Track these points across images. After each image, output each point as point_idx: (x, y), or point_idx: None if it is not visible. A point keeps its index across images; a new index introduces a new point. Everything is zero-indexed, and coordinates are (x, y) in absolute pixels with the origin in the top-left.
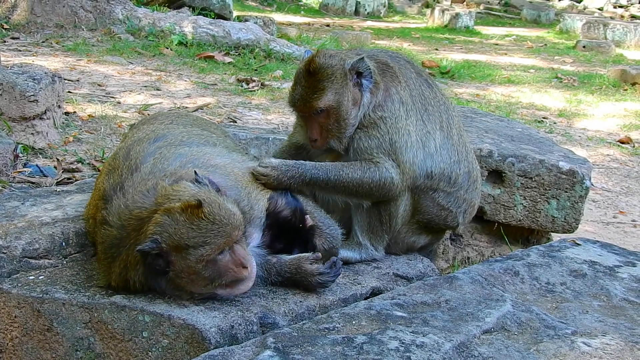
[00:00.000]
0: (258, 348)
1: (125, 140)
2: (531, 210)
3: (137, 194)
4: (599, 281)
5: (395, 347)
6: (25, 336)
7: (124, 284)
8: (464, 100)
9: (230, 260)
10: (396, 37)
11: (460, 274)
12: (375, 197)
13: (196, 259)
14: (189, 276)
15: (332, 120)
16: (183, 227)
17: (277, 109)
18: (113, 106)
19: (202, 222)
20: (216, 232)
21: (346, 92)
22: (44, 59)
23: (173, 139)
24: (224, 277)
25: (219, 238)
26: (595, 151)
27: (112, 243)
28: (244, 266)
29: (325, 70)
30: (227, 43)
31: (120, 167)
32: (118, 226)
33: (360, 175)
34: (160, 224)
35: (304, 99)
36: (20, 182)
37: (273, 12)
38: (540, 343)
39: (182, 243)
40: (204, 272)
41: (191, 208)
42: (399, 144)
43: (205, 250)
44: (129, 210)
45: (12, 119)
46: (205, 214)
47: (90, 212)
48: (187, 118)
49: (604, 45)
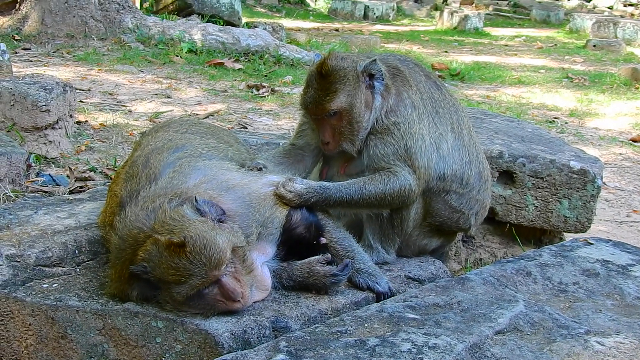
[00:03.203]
0: (271, 352)
1: (141, 148)
2: (543, 210)
3: (142, 211)
4: (612, 280)
5: (408, 349)
6: (39, 344)
7: (120, 294)
8: (475, 101)
9: (217, 294)
10: (405, 40)
11: (472, 275)
12: (395, 206)
13: (177, 294)
14: (176, 305)
15: (344, 123)
16: (164, 263)
17: (287, 115)
18: (124, 115)
19: (181, 262)
20: (192, 272)
21: (359, 94)
22: (55, 69)
23: (192, 151)
24: (214, 308)
25: (196, 279)
26: (608, 150)
27: (116, 246)
28: (234, 300)
29: (337, 73)
30: (237, 50)
31: (139, 174)
32: (120, 236)
33: (382, 189)
34: (149, 253)
35: (316, 101)
36: (33, 191)
37: (282, 18)
38: (554, 343)
39: (163, 278)
40: (189, 304)
41: (173, 246)
42: (414, 150)
43: (184, 288)
44: (130, 227)
45: (25, 129)
46: (186, 253)
47: (106, 219)
48: (201, 126)
49: (615, 44)
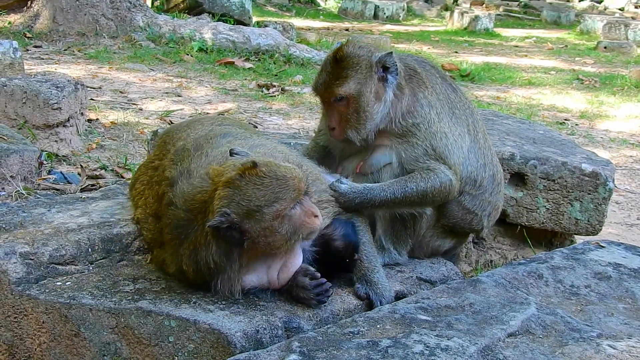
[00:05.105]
0: (283, 352)
1: (183, 139)
2: (554, 212)
3: (196, 178)
4: (624, 283)
5: (420, 350)
6: (53, 341)
7: (194, 267)
8: (485, 102)
9: (302, 213)
10: (415, 40)
11: (484, 277)
12: (437, 203)
13: (272, 217)
14: (267, 238)
15: (351, 110)
16: (249, 190)
17: (297, 114)
18: (135, 113)
19: (265, 180)
20: (284, 186)
21: (369, 83)
22: (67, 67)
23: (241, 135)
24: (300, 230)
25: (289, 192)
26: (618, 152)
27: (178, 224)
28: (315, 215)
29: (351, 59)
30: (247, 49)
31: (190, 156)
32: (184, 209)
33: (424, 186)
34: (225, 197)
35: (326, 84)
36: (45, 189)
37: (292, 17)
38: (565, 346)
39: (252, 206)
40: (280, 229)
41: (248, 170)
42: (441, 149)
43: (280, 205)
44: (192, 195)
45: (36, 127)
46: (264, 172)
47: (148, 210)
48: (232, 120)
49: (625, 45)
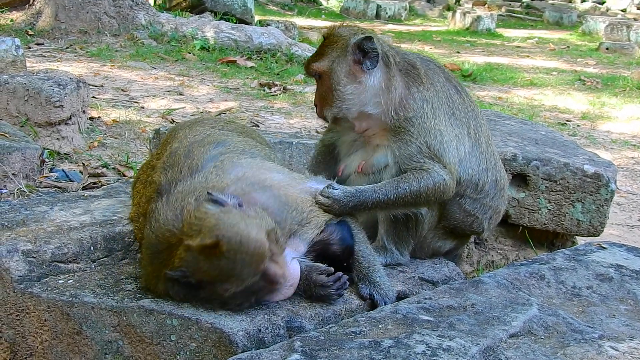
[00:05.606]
0: (285, 352)
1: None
2: (556, 213)
3: (171, 211)
4: (626, 285)
5: (422, 350)
6: (54, 339)
7: (163, 288)
8: (487, 103)
9: (260, 281)
10: (417, 40)
11: (485, 278)
12: (432, 202)
13: (224, 290)
14: (221, 299)
15: (325, 87)
16: (204, 267)
17: (299, 113)
18: (137, 111)
19: (221, 262)
20: (239, 269)
21: (342, 64)
22: (68, 65)
23: (234, 147)
24: (259, 294)
25: (246, 270)
26: (620, 154)
27: (150, 243)
28: (278, 283)
29: (332, 38)
30: (249, 47)
31: (180, 164)
32: (156, 235)
33: (417, 186)
34: (185, 260)
35: (308, 59)
36: (47, 187)
37: (294, 17)
38: (567, 347)
39: (206, 279)
40: (236, 296)
41: (208, 249)
42: (435, 146)
43: (230, 285)
44: (162, 229)
45: (38, 125)
46: (223, 253)
47: (140, 209)
48: (234, 125)
49: (628, 47)
